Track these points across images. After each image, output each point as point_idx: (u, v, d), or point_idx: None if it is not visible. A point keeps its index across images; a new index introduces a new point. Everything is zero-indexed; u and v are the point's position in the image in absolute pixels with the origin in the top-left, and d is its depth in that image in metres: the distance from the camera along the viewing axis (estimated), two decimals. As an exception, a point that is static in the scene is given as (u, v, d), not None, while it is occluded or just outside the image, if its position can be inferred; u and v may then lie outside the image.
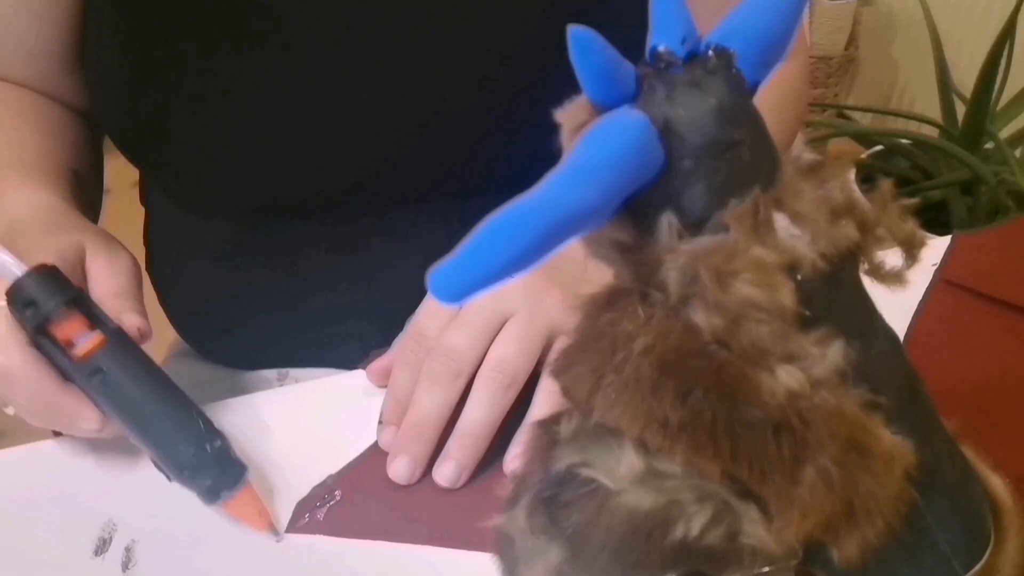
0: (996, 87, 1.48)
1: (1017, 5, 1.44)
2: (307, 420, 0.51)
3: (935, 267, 0.57)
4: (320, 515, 0.45)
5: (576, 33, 0.23)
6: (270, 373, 0.66)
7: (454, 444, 0.46)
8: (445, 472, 0.46)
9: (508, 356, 0.46)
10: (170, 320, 0.70)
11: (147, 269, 0.70)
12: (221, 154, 0.56)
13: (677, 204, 0.25)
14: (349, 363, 0.56)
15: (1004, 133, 1.54)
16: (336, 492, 0.46)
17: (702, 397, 0.25)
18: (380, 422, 0.49)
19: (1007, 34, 1.43)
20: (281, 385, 0.64)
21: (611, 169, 0.24)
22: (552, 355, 0.46)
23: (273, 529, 0.44)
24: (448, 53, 0.54)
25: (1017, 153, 1.52)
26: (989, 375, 0.50)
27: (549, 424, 0.30)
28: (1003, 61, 1.45)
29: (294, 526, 0.45)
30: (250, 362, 0.67)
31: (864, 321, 0.27)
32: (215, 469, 0.43)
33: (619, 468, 0.27)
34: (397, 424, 0.47)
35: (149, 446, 0.44)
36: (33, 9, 0.58)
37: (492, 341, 0.47)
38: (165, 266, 0.68)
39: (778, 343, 0.25)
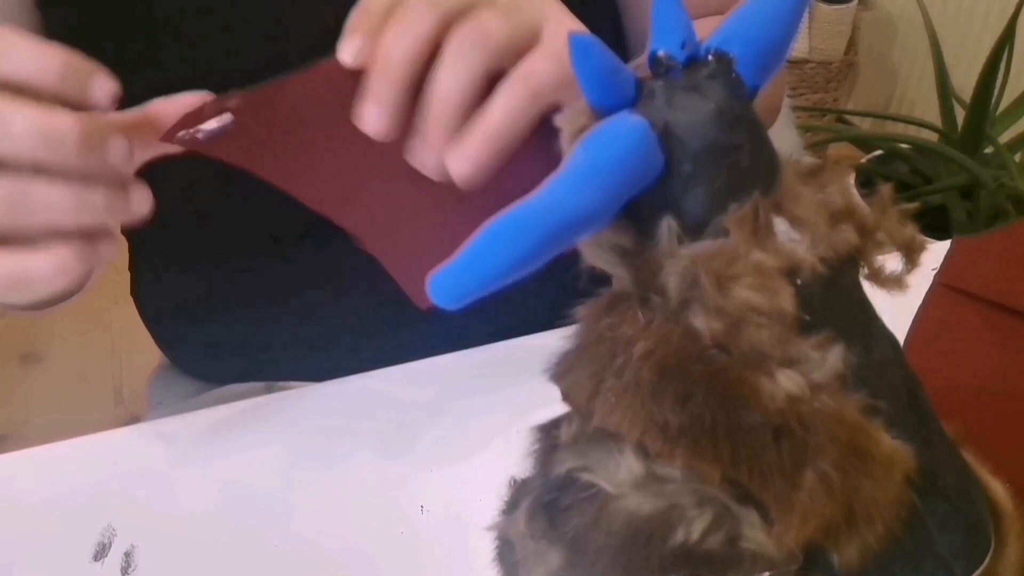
0: (995, 91, 1.48)
1: (1016, 9, 1.44)
2: (298, 427, 0.51)
3: (935, 271, 0.57)
4: (201, 135, 0.38)
5: (576, 39, 0.23)
6: (257, 386, 0.66)
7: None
8: None
9: None
10: (156, 341, 0.70)
11: (132, 295, 0.70)
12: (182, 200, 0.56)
13: (677, 208, 0.25)
14: (336, 375, 0.56)
15: (1004, 137, 1.54)
16: (229, 116, 0.39)
17: (702, 401, 0.25)
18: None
19: (1006, 38, 1.43)
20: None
21: (611, 173, 0.24)
22: None
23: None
24: None
25: (1017, 157, 1.52)
26: (989, 379, 0.50)
27: (549, 428, 0.30)
28: (1002, 65, 1.45)
29: (171, 136, 0.38)
30: (236, 377, 0.67)
31: (864, 325, 0.27)
32: None
33: (619, 472, 0.27)
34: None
35: None
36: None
37: None
38: (149, 287, 0.68)
39: (778, 347, 0.25)
